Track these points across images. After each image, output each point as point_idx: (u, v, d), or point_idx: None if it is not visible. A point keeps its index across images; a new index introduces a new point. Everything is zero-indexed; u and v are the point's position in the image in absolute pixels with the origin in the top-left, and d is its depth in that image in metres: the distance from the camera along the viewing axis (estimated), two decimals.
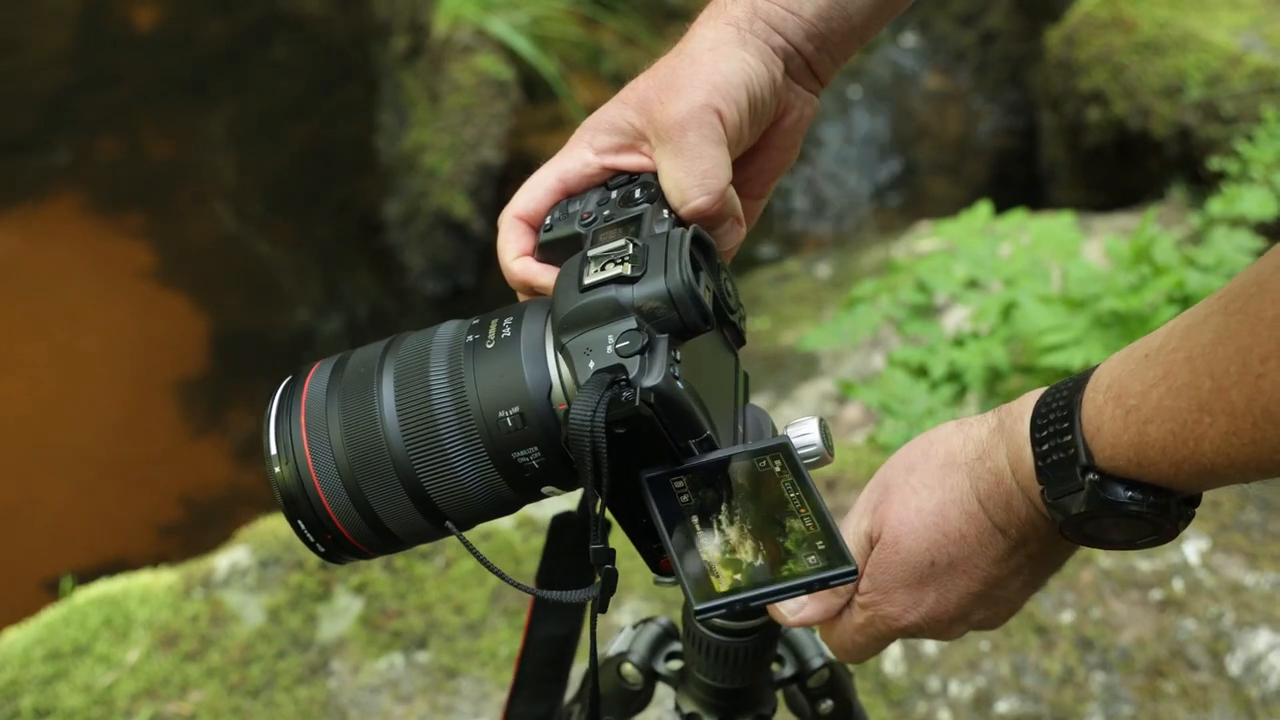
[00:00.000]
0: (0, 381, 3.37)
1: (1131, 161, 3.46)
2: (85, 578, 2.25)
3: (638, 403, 0.70)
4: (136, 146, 4.08)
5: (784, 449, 0.75)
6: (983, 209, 2.34)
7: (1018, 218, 2.34)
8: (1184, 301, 2.05)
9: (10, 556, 2.98)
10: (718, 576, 0.69)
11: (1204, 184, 3.18)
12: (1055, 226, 2.29)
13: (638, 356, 0.72)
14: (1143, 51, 3.35)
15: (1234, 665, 1.92)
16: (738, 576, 0.69)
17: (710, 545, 0.71)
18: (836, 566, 0.69)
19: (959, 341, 2.21)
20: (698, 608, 0.69)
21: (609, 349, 0.72)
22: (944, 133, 4.26)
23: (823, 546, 0.70)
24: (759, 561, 0.70)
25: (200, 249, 3.79)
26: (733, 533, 0.71)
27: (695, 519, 0.72)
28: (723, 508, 0.72)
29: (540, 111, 3.92)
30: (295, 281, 3.77)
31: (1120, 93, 3.37)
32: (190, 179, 4.00)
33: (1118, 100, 3.38)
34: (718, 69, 0.83)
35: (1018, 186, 3.92)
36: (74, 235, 3.75)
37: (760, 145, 0.90)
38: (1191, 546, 2.04)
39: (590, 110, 0.91)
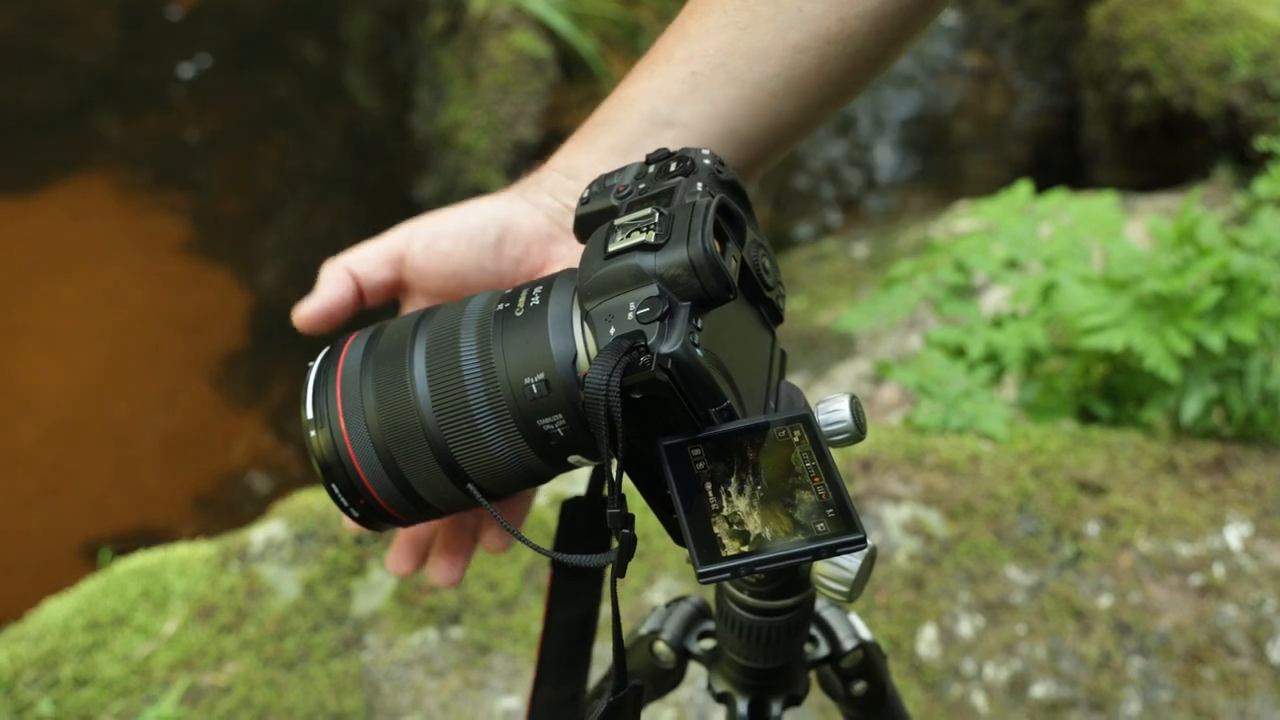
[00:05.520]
0: (41, 356, 3.40)
1: (1176, 141, 3.42)
2: (123, 549, 2.27)
3: (654, 368, 0.69)
4: (177, 123, 4.10)
5: (805, 420, 0.74)
6: (1023, 188, 2.32)
7: (1058, 197, 2.32)
8: (1228, 284, 2.02)
9: (50, 528, 3.01)
10: (724, 544, 0.70)
11: (1250, 164, 3.14)
12: (1097, 206, 2.26)
13: (657, 323, 0.71)
14: (1189, 29, 3.31)
15: (1275, 652, 1.90)
16: (745, 546, 0.69)
17: (723, 513, 0.71)
18: (844, 534, 0.69)
19: (997, 322, 2.19)
20: (700, 570, 0.69)
21: (630, 315, 0.72)
22: (984, 112, 4.22)
23: (833, 514, 0.70)
24: (769, 529, 0.70)
25: (239, 225, 3.81)
26: (743, 502, 0.71)
27: (709, 486, 0.72)
28: (736, 477, 0.72)
29: (577, 89, 3.91)
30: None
31: (1165, 71, 3.33)
32: (229, 155, 4.01)
33: (1163, 79, 3.33)
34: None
35: (1059, 166, 3.88)
36: (115, 211, 3.77)
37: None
38: (1234, 532, 2.02)
39: None
